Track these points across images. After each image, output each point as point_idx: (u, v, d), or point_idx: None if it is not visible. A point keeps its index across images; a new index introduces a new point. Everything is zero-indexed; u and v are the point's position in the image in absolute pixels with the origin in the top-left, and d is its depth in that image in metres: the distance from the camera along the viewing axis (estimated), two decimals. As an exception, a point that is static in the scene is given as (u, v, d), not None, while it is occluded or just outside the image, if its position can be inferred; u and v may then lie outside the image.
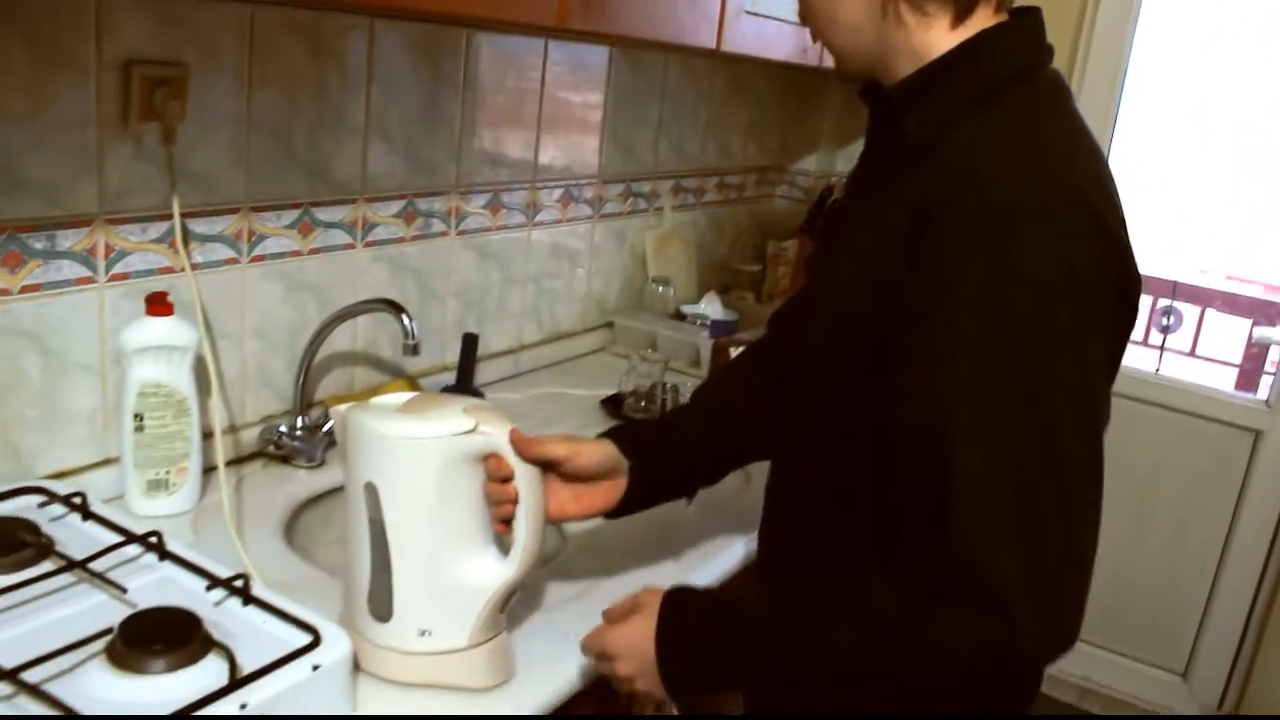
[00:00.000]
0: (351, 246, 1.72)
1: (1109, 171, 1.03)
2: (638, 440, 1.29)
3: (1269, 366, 3.77)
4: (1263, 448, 2.99)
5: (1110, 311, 0.97)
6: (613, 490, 1.26)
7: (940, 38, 1.05)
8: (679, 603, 1.11)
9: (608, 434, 1.30)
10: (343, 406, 1.14)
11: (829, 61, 2.16)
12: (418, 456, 1.06)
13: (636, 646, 1.10)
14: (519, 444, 1.10)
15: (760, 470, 1.80)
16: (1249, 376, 3.48)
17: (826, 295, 1.17)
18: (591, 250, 2.33)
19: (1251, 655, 3.04)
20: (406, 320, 1.50)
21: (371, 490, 1.07)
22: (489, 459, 1.10)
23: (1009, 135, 0.99)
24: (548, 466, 1.17)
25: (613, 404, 2.03)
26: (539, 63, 2.03)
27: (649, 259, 2.49)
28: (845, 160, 3.13)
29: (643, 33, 1.58)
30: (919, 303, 0.96)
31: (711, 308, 2.47)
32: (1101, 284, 0.95)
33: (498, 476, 1.10)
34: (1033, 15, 1.08)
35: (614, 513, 1.28)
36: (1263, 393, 3.04)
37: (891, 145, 1.09)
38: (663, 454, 1.31)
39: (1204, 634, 3.14)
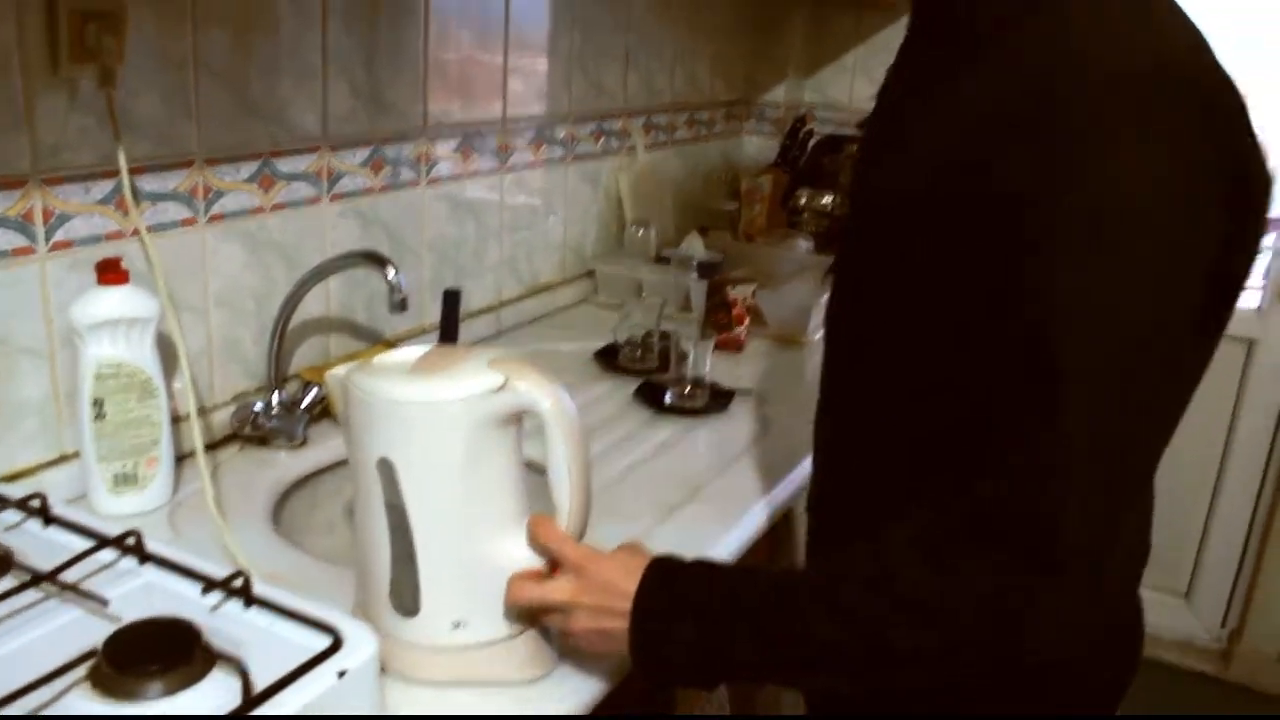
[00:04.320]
0: (317, 200, 1.55)
1: (1218, 57, 0.86)
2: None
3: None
4: (1256, 356, 2.92)
5: (1224, 215, 0.81)
6: None
7: None
8: (658, 596, 0.93)
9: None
10: (341, 369, 0.98)
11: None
12: (442, 423, 0.91)
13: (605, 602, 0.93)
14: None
15: (780, 418, 1.69)
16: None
17: (872, 211, 0.99)
18: (566, 194, 2.17)
19: (1253, 573, 3.00)
20: (392, 273, 1.34)
21: (386, 468, 0.92)
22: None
23: (1110, 14, 0.83)
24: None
25: (607, 356, 1.88)
26: (501, -3, 1.86)
27: (625, 201, 2.34)
28: (814, 90, 2.99)
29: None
30: (1017, 206, 0.80)
31: (695, 248, 2.33)
32: (1220, 184, 0.80)
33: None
34: None
35: None
36: (1252, 300, 2.96)
37: (948, 33, 0.93)
38: None
39: (1205, 553, 3.09)
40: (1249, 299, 2.96)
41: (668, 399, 1.69)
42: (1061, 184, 0.77)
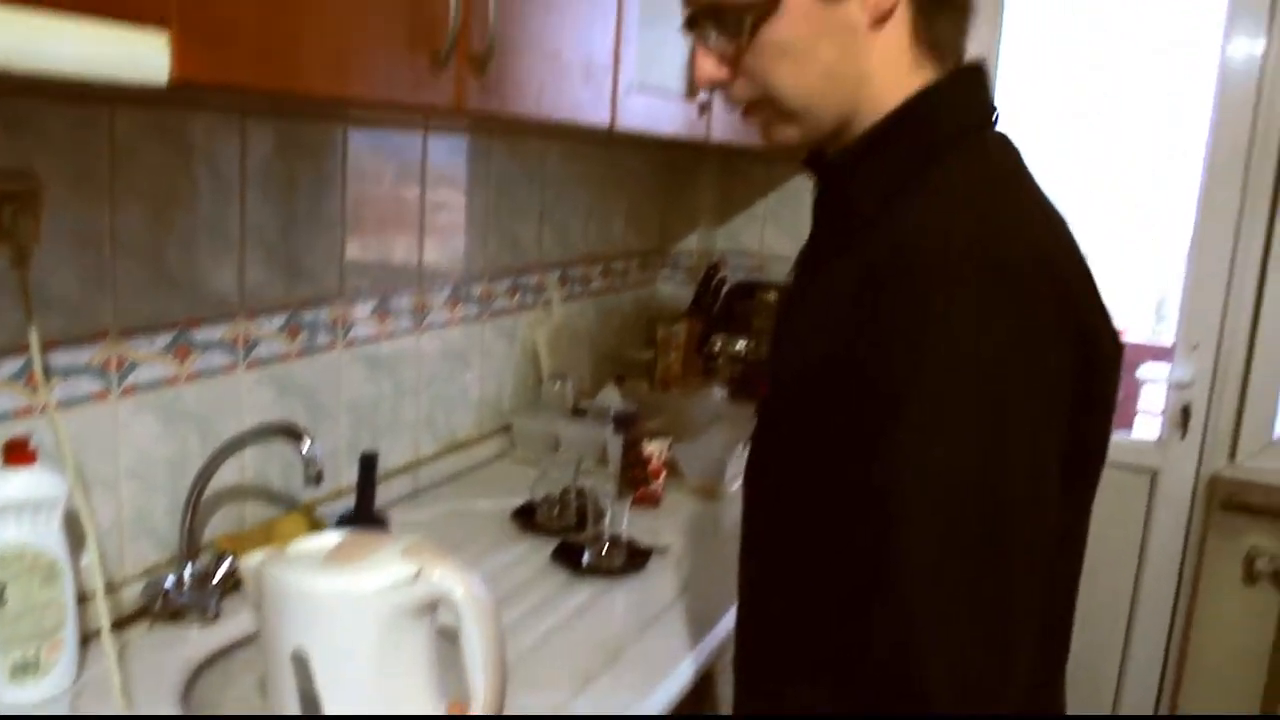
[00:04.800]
0: (233, 368, 1.55)
1: (1068, 229, 0.95)
2: None
3: (1142, 405, 3.84)
4: (1160, 485, 3.00)
5: (1070, 374, 0.86)
6: None
7: (897, 88, 0.96)
8: None
9: None
10: (254, 558, 0.98)
11: (717, 133, 2.11)
12: (356, 615, 0.90)
13: None
14: None
15: (698, 574, 1.70)
16: (1122, 417, 3.54)
17: (779, 384, 1.06)
18: (483, 350, 2.19)
19: (1172, 699, 3.03)
20: (308, 444, 1.34)
21: (300, 660, 0.91)
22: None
23: (958, 193, 0.91)
24: None
25: (525, 515, 1.88)
26: (418, 158, 1.90)
27: (542, 355, 2.36)
28: (726, 237, 3.07)
29: (540, 113, 1.47)
30: (870, 378, 0.86)
31: (610, 400, 2.35)
32: (1059, 346, 0.85)
33: None
34: (978, 71, 1.01)
35: None
36: (1139, 431, 3.06)
37: (838, 216, 1.01)
38: None
39: (1124, 683, 3.12)
40: (1149, 430, 3.06)
41: (585, 559, 1.69)
42: (911, 352, 0.83)
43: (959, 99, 0.98)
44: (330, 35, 1.03)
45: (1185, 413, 2.98)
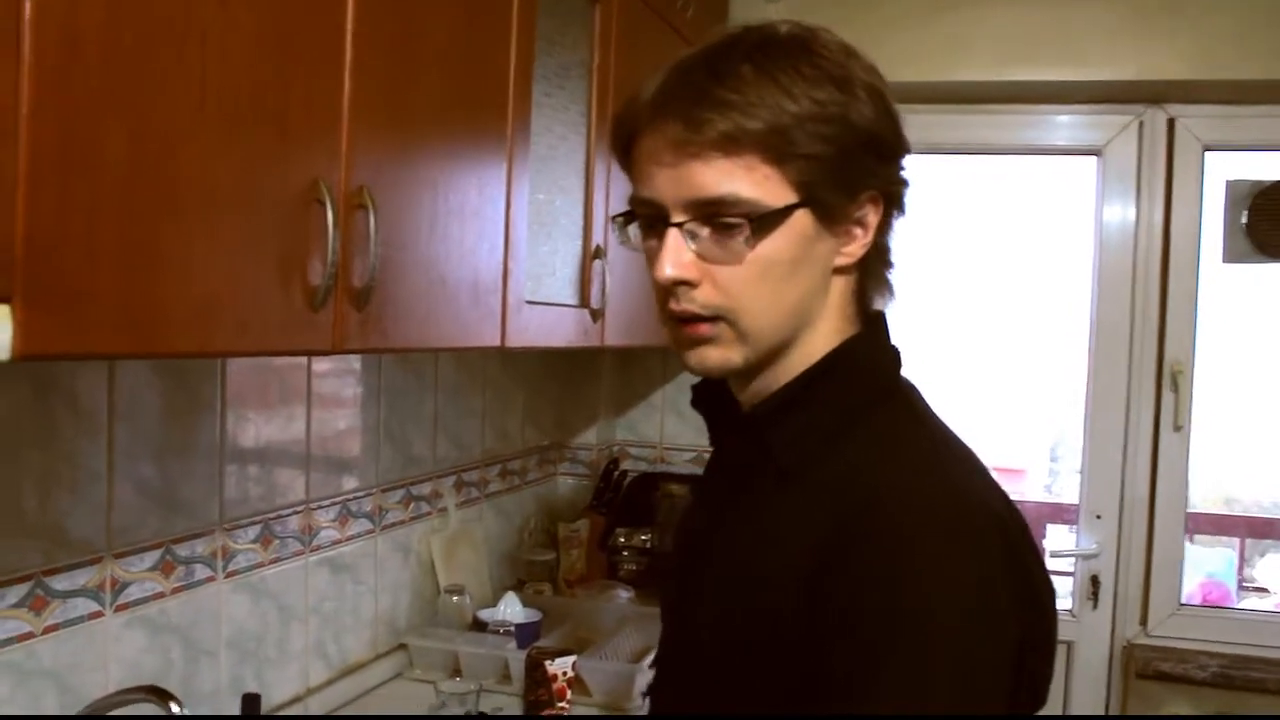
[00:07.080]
0: (99, 615, 1.44)
1: (987, 470, 0.96)
2: None
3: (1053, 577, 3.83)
4: (1076, 658, 2.97)
5: (1018, 628, 0.87)
6: None
7: (829, 336, 0.96)
8: None
9: None
10: None
11: (610, 339, 2.09)
12: None
13: None
14: None
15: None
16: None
17: (705, 634, 0.99)
18: (376, 566, 2.09)
19: None
20: (176, 709, 1.24)
21: None
22: None
23: (902, 454, 0.92)
24: None
25: (423, 748, 1.78)
26: (303, 376, 1.84)
27: (438, 566, 2.27)
28: (625, 429, 3.05)
29: (426, 342, 1.44)
30: (829, 638, 0.85)
31: (511, 609, 2.25)
32: (1012, 604, 0.87)
33: None
34: (882, 319, 1.01)
35: None
36: (1065, 604, 3.05)
37: (757, 463, 0.97)
38: None
39: None
40: (1061, 601, 3.05)
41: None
42: (877, 603, 0.83)
43: (879, 351, 1.00)
44: (196, 290, 0.98)
45: (1095, 582, 2.98)
